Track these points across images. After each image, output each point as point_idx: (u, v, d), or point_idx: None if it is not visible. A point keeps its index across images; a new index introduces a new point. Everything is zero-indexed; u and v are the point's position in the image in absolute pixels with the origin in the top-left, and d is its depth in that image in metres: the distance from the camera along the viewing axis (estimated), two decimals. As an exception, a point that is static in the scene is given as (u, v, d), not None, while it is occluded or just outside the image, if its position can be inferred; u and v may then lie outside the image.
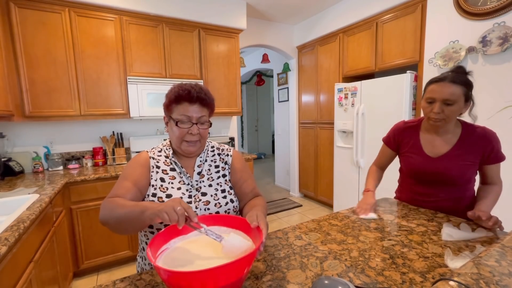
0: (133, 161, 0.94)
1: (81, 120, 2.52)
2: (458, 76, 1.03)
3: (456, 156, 1.10)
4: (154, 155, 0.96)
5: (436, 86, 1.04)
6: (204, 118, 0.91)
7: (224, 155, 1.03)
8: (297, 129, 4.09)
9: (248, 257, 0.56)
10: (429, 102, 1.07)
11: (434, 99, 1.05)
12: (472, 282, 0.49)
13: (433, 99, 1.05)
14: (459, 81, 1.02)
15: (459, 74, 1.04)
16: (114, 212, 0.76)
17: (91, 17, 2.24)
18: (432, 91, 1.06)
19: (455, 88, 1.01)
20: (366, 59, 2.88)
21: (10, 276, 0.99)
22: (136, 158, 0.95)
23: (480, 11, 1.91)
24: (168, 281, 0.55)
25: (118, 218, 0.75)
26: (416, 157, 1.19)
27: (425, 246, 0.87)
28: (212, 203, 0.91)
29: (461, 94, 1.02)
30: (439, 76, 1.06)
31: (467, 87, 1.03)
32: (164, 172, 0.93)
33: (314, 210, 3.61)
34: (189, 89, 0.87)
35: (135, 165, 0.92)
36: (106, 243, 2.16)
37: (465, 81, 1.03)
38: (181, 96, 0.87)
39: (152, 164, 0.93)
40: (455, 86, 1.01)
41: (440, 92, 1.03)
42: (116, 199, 0.80)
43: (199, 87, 0.90)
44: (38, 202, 1.38)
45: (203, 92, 0.89)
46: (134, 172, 0.90)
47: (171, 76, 2.62)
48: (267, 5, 3.14)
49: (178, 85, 0.90)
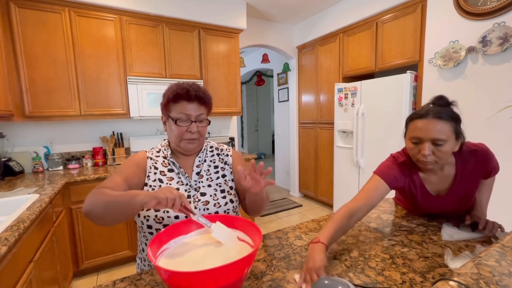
0: (130, 159, 0.94)
1: (81, 120, 2.52)
2: (442, 110, 0.87)
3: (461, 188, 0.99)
4: (152, 156, 0.96)
5: (420, 123, 0.88)
6: (203, 116, 0.92)
7: (223, 155, 1.03)
8: (297, 129, 4.09)
9: (248, 258, 0.57)
10: (415, 142, 0.91)
11: (421, 139, 0.88)
12: (472, 282, 0.49)
13: (419, 139, 0.89)
14: (445, 116, 0.86)
15: (442, 108, 0.89)
16: (101, 199, 0.74)
17: (91, 17, 2.24)
18: (416, 129, 0.89)
19: (443, 125, 0.85)
20: (366, 59, 2.88)
21: (10, 276, 0.99)
22: (133, 157, 0.95)
23: (480, 11, 1.91)
24: (168, 281, 0.55)
25: (105, 204, 0.73)
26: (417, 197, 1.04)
27: (425, 246, 0.87)
28: (212, 203, 0.91)
29: (451, 131, 0.86)
30: (421, 111, 0.90)
31: (455, 121, 0.87)
32: (162, 173, 0.93)
33: (314, 210, 3.61)
34: (187, 87, 0.88)
35: (131, 163, 0.92)
36: (106, 243, 2.16)
37: (452, 115, 0.87)
38: (179, 94, 0.88)
39: (149, 165, 0.93)
40: (442, 123, 0.85)
41: (426, 131, 0.86)
42: (103, 189, 0.79)
43: (197, 86, 0.91)
44: (38, 202, 1.38)
45: (201, 91, 0.90)
46: (127, 170, 0.90)
47: (171, 76, 2.62)
48: (267, 5, 3.14)
49: (175, 84, 0.91)
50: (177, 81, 2.69)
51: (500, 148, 1.88)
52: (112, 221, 0.77)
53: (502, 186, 1.84)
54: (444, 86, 2.17)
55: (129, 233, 2.24)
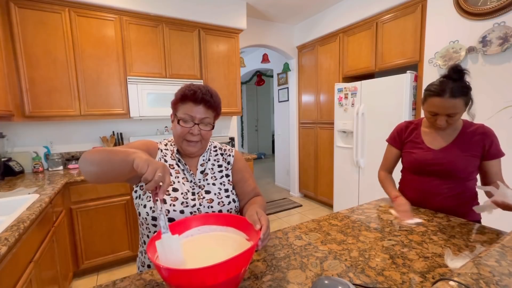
0: (142, 141, 0.94)
1: (81, 120, 2.52)
2: (457, 87, 1.03)
3: (457, 148, 1.14)
4: (162, 148, 0.97)
5: (438, 101, 1.06)
6: (207, 120, 0.91)
7: (226, 155, 1.05)
8: (297, 129, 4.09)
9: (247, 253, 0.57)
10: (432, 114, 1.11)
11: (437, 113, 1.09)
12: (472, 282, 0.49)
13: (435, 113, 1.09)
14: (459, 93, 1.03)
15: (457, 84, 1.04)
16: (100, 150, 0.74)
17: (91, 17, 2.24)
18: (433, 105, 1.08)
19: (457, 102, 1.04)
20: (366, 59, 2.87)
21: (10, 276, 0.99)
22: (146, 141, 0.95)
23: (480, 11, 1.91)
24: (168, 279, 0.55)
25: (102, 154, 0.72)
26: (418, 150, 1.22)
27: (425, 246, 0.87)
28: (216, 201, 0.92)
29: (462, 105, 1.05)
30: (439, 89, 1.06)
31: (467, 94, 1.05)
32: (170, 166, 0.94)
33: (314, 210, 3.61)
34: (195, 90, 0.88)
35: (142, 144, 0.92)
36: (106, 243, 2.16)
37: (465, 91, 1.04)
38: (186, 95, 0.88)
39: (159, 156, 0.94)
40: (456, 100, 1.03)
41: (443, 108, 1.06)
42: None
43: (206, 89, 0.90)
44: (38, 202, 1.38)
45: (209, 94, 0.90)
46: (138, 147, 0.89)
47: (171, 76, 2.62)
48: (267, 5, 3.14)
49: (187, 85, 0.91)
50: (177, 81, 2.70)
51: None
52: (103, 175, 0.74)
53: (502, 186, 1.84)
54: (444, 86, 2.17)
55: (129, 233, 2.24)
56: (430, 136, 1.22)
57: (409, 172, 1.30)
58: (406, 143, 1.29)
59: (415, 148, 1.24)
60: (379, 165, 1.42)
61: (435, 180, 1.18)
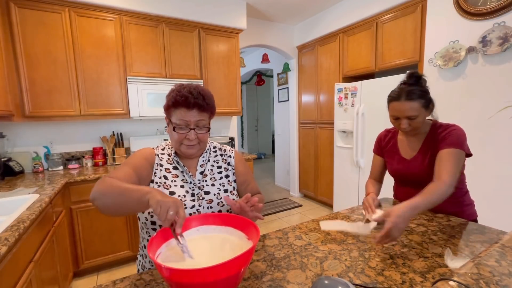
0: (138, 153, 0.94)
1: (81, 120, 2.52)
2: (412, 91, 1.06)
3: (423, 155, 1.14)
4: (158, 153, 0.97)
5: (396, 104, 1.10)
6: (203, 122, 0.90)
7: (226, 156, 1.05)
8: (297, 129, 4.09)
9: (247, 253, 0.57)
10: (395, 118, 1.13)
11: (398, 117, 1.11)
12: (472, 282, 0.49)
13: (397, 116, 1.12)
14: (415, 96, 1.06)
15: (412, 87, 1.07)
16: (112, 190, 0.74)
17: (91, 17, 2.24)
18: (393, 109, 1.12)
19: (413, 104, 1.06)
20: (366, 59, 2.87)
21: (10, 276, 0.99)
22: (142, 151, 0.95)
23: (480, 11, 1.91)
24: (169, 279, 0.55)
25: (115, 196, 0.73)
26: (394, 161, 1.25)
27: (425, 246, 0.87)
28: (215, 202, 0.93)
29: (420, 107, 1.06)
30: (395, 93, 1.11)
31: (423, 97, 1.07)
32: (167, 170, 0.93)
33: (314, 210, 3.61)
34: (186, 95, 0.85)
35: (140, 157, 0.92)
36: (106, 243, 2.16)
37: (420, 94, 1.06)
38: (178, 102, 0.86)
39: (156, 162, 0.94)
40: (412, 103, 1.06)
41: (401, 111, 1.09)
42: (114, 180, 0.78)
43: (198, 92, 0.87)
44: (38, 202, 1.38)
45: (201, 97, 0.87)
46: (136, 162, 0.90)
47: (171, 76, 2.62)
48: (267, 5, 3.14)
49: (177, 88, 0.88)
50: (177, 81, 2.69)
51: (500, 148, 1.88)
52: (117, 213, 0.77)
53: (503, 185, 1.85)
54: (444, 86, 2.17)
55: (129, 233, 2.24)
56: (404, 144, 1.23)
57: (395, 180, 1.33)
58: (385, 152, 1.31)
59: (391, 158, 1.27)
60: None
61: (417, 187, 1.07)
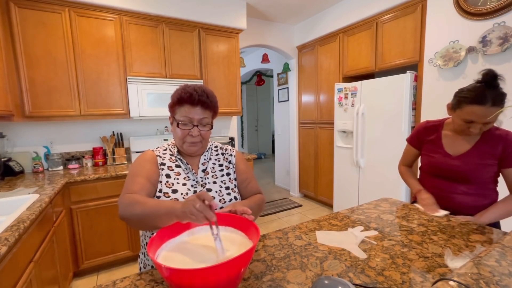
0: (141, 159, 0.95)
1: (81, 120, 2.52)
2: (498, 96, 0.99)
3: (475, 156, 1.11)
4: (160, 153, 0.98)
5: (478, 109, 1.00)
6: (206, 120, 0.93)
7: (227, 154, 1.07)
8: (297, 129, 4.09)
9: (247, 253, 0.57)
10: (467, 122, 1.05)
11: (473, 121, 1.03)
12: (472, 282, 0.49)
13: (472, 121, 1.03)
14: (500, 102, 0.98)
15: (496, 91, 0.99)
16: (138, 210, 0.77)
17: (91, 17, 2.24)
18: (472, 113, 1.02)
19: (496, 110, 0.99)
20: (366, 59, 2.87)
21: (10, 276, 0.99)
22: (143, 156, 0.96)
23: (480, 11, 1.91)
24: (169, 279, 0.55)
25: (141, 216, 0.76)
26: (437, 155, 1.22)
27: (425, 246, 0.87)
28: (217, 199, 0.94)
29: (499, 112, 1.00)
30: (479, 97, 1.00)
31: (504, 102, 1.00)
32: (169, 168, 0.95)
33: (314, 210, 3.61)
34: (191, 92, 0.89)
35: (144, 162, 0.93)
36: (106, 243, 2.16)
37: (503, 98, 0.99)
38: (183, 98, 0.89)
39: (159, 162, 0.95)
40: (496, 109, 0.98)
41: (483, 117, 1.00)
42: (134, 195, 0.81)
43: (202, 90, 0.91)
44: (38, 202, 1.38)
45: (205, 95, 0.91)
46: (144, 168, 0.91)
47: (171, 76, 2.62)
48: (267, 5, 3.14)
49: (182, 87, 0.92)
50: (177, 81, 2.70)
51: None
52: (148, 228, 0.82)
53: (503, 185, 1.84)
54: (444, 86, 2.17)
55: (129, 233, 2.24)
56: (450, 140, 1.19)
57: (426, 173, 1.30)
58: (425, 144, 1.28)
59: (433, 152, 1.23)
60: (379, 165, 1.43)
61: (453, 183, 1.18)
